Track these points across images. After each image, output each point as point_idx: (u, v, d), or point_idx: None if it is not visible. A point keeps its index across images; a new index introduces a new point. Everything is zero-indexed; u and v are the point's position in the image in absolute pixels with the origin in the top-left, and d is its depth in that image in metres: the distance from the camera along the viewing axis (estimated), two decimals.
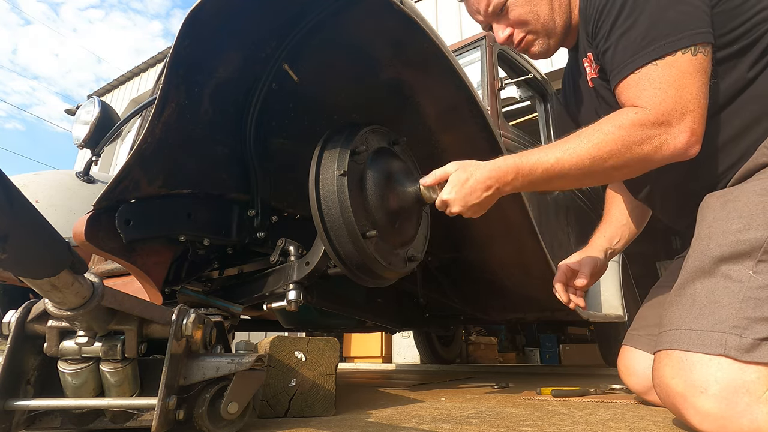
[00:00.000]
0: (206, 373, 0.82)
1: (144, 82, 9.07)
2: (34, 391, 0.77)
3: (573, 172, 0.93)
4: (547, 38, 1.14)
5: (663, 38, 0.88)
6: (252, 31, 1.05)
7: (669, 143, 0.88)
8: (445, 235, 1.69)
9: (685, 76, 0.87)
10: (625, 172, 0.95)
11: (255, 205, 1.25)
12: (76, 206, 1.73)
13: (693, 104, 0.87)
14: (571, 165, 0.92)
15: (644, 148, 0.88)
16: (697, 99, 0.87)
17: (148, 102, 1.40)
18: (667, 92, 0.87)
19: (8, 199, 0.45)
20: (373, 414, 1.11)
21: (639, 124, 0.88)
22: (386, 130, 1.14)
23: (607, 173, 0.93)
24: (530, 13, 1.11)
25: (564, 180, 0.96)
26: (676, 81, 0.87)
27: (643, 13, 0.91)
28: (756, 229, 0.83)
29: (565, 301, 1.27)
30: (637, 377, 1.21)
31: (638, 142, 0.88)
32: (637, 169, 0.94)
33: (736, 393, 0.75)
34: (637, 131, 0.88)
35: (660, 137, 0.88)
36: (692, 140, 0.88)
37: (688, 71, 0.87)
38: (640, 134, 0.88)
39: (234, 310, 1.31)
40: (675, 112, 0.87)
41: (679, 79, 0.87)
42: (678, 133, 0.87)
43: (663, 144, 0.88)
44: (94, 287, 0.67)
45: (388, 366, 4.39)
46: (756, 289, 0.79)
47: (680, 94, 0.86)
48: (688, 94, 0.86)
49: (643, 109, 0.89)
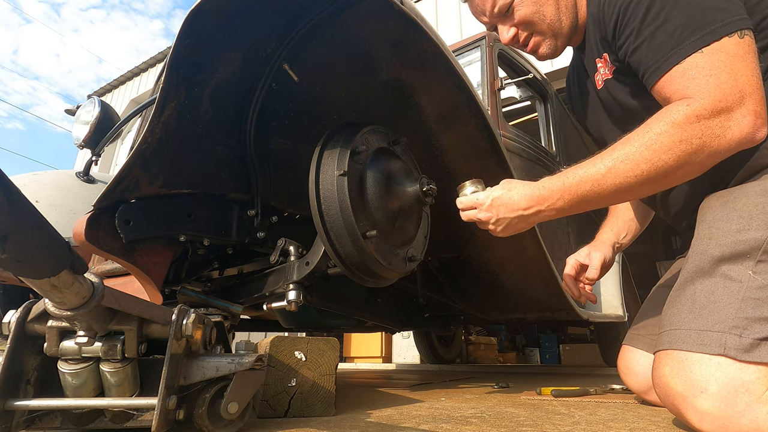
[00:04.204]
0: (206, 373, 0.82)
1: (144, 82, 9.07)
2: (34, 391, 0.77)
3: (629, 181, 0.86)
4: (554, 39, 1.12)
5: (707, 26, 0.82)
6: (252, 30, 1.05)
7: (733, 130, 0.80)
8: (445, 235, 1.69)
9: (737, 59, 0.80)
10: (688, 170, 0.85)
11: (255, 205, 1.25)
12: (76, 206, 1.73)
13: (750, 86, 0.80)
14: (626, 173, 0.85)
15: (706, 140, 0.81)
16: (754, 80, 0.80)
17: (148, 102, 1.40)
18: (720, 77, 0.80)
19: (8, 199, 0.45)
20: (373, 414, 1.11)
21: (695, 116, 0.81)
22: (386, 130, 1.14)
23: (668, 176, 0.85)
24: (536, 13, 1.09)
25: (618, 192, 0.88)
26: (728, 65, 0.80)
27: (677, 7, 0.85)
28: (755, 230, 0.83)
29: (576, 295, 1.24)
30: (636, 377, 1.21)
31: (698, 135, 0.81)
32: (702, 165, 0.84)
33: (735, 393, 0.75)
34: (693, 124, 0.81)
35: (722, 125, 0.80)
36: (758, 123, 0.80)
37: (738, 54, 0.80)
38: (698, 127, 0.81)
39: (234, 310, 1.31)
40: (733, 97, 0.79)
41: (731, 63, 0.80)
42: (741, 118, 0.79)
43: (726, 132, 0.80)
44: (94, 287, 0.67)
45: (388, 366, 4.39)
46: (756, 289, 0.79)
47: (735, 78, 0.80)
48: (744, 77, 0.80)
49: (695, 99, 0.82)
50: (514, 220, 1.00)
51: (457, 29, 5.40)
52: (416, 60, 1.12)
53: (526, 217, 0.99)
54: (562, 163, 2.48)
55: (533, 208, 0.97)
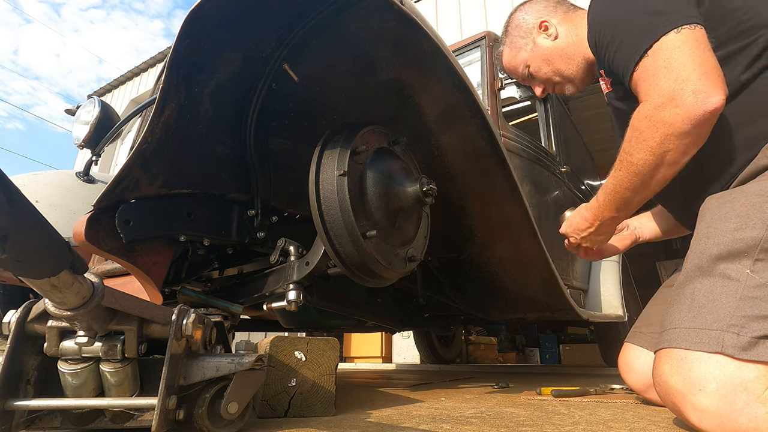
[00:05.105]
0: (206, 373, 0.82)
1: (144, 82, 9.07)
2: (34, 391, 0.77)
3: (633, 181, 0.99)
4: (571, 83, 1.33)
5: (650, 30, 0.93)
6: (252, 30, 1.05)
7: (682, 113, 0.87)
8: (445, 235, 1.69)
9: (674, 52, 0.89)
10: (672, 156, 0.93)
11: (255, 205, 1.25)
12: (76, 206, 1.73)
13: (687, 70, 0.87)
14: (625, 177, 1.00)
15: (665, 129, 0.90)
16: (692, 63, 0.87)
17: (148, 102, 1.40)
18: (659, 74, 0.91)
19: (8, 199, 0.45)
20: (373, 414, 1.11)
21: (648, 114, 0.92)
22: (386, 130, 1.14)
23: (658, 167, 0.94)
24: (552, 72, 1.33)
25: (635, 192, 1.01)
26: (666, 61, 0.90)
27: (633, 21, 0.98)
28: (752, 228, 0.84)
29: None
30: (636, 375, 1.21)
31: (656, 127, 0.91)
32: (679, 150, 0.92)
33: (734, 391, 0.75)
34: (650, 120, 0.92)
35: (672, 113, 0.88)
36: (701, 98, 0.86)
37: (675, 46, 0.90)
38: (654, 121, 0.91)
39: (234, 310, 1.31)
40: (672, 86, 0.88)
41: (669, 57, 0.90)
42: (685, 100, 0.87)
43: (677, 117, 0.88)
44: (94, 287, 0.67)
45: (388, 366, 4.39)
46: (753, 287, 0.80)
47: (671, 70, 0.89)
48: (680, 65, 0.88)
49: (646, 100, 0.94)
50: (589, 237, 1.22)
51: (457, 29, 5.40)
52: (416, 60, 1.12)
53: (594, 231, 1.19)
54: (562, 163, 2.48)
55: (594, 224, 1.18)
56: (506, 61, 1.45)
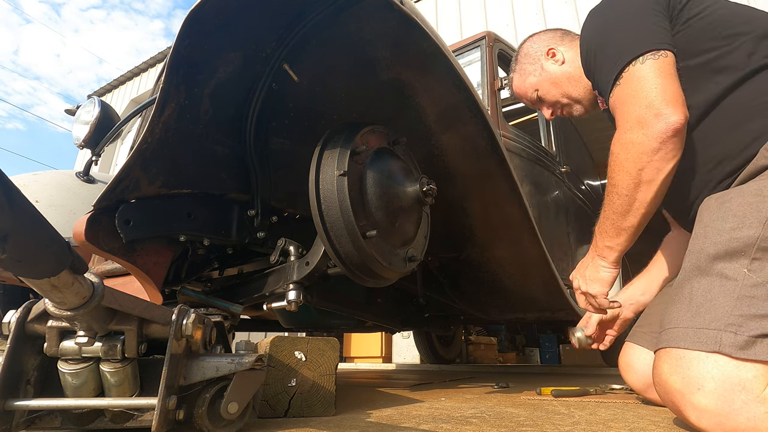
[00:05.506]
0: (206, 373, 0.82)
1: (144, 82, 9.07)
2: (34, 391, 0.77)
3: (618, 203, 1.02)
4: (579, 104, 1.37)
5: (618, 59, 1.00)
6: (252, 30, 1.05)
7: (650, 133, 0.94)
8: (445, 235, 1.69)
9: (640, 81, 0.97)
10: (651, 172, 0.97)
11: (255, 205, 1.25)
12: (76, 206, 1.73)
13: (650, 97, 0.94)
14: (612, 198, 1.03)
15: (637, 149, 0.96)
16: (655, 91, 0.94)
17: (148, 102, 1.40)
18: (627, 102, 0.98)
19: (8, 199, 0.45)
20: (373, 414, 1.11)
21: (623, 138, 0.98)
22: (386, 130, 1.14)
23: (637, 185, 0.99)
24: (560, 94, 1.38)
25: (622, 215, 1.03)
26: (634, 89, 0.97)
27: (607, 45, 1.05)
28: (749, 228, 0.85)
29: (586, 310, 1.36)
30: (636, 374, 1.21)
31: (630, 148, 0.97)
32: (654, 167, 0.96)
33: (732, 390, 0.75)
34: (624, 143, 0.98)
35: (643, 134, 0.95)
36: (663, 119, 0.92)
37: (640, 77, 0.97)
38: (627, 143, 0.97)
39: (234, 310, 1.31)
40: (639, 112, 0.95)
41: (636, 87, 0.97)
42: (651, 124, 0.93)
43: (646, 138, 0.94)
44: (94, 287, 0.67)
45: (388, 366, 4.39)
46: (750, 287, 0.80)
47: (637, 98, 0.96)
48: (643, 92, 0.95)
49: (620, 127, 1.00)
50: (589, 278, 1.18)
51: (457, 29, 5.40)
52: (416, 60, 1.12)
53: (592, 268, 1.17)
54: (562, 163, 2.48)
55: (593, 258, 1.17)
56: (516, 86, 1.51)
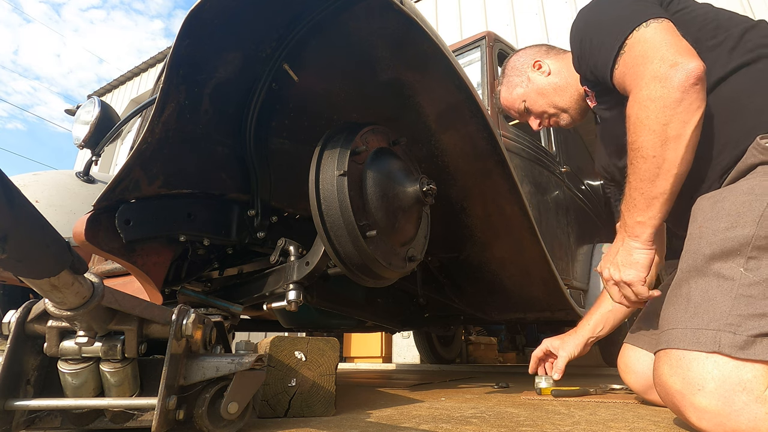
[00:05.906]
0: (206, 373, 0.82)
1: (144, 82, 9.07)
2: (34, 391, 0.77)
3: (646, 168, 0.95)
4: (566, 113, 1.40)
5: (617, 31, 1.00)
6: (252, 30, 1.05)
7: (669, 84, 0.90)
8: (445, 235, 1.69)
9: (647, 42, 0.96)
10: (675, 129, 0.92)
11: (255, 205, 1.25)
12: (76, 206, 1.73)
13: (662, 51, 0.92)
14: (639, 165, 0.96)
15: (659, 102, 0.92)
16: (665, 45, 0.93)
17: (148, 102, 1.40)
18: (638, 64, 0.96)
19: (8, 199, 0.45)
20: (373, 414, 1.11)
21: (637, 101, 0.95)
22: (386, 130, 1.14)
23: (665, 143, 0.93)
24: (546, 105, 1.41)
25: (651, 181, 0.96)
26: (642, 50, 0.96)
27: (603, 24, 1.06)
28: (743, 227, 0.84)
29: (531, 371, 1.55)
30: (636, 375, 1.21)
31: (652, 99, 0.92)
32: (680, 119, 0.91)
33: (733, 391, 0.75)
34: (642, 103, 0.94)
35: (661, 86, 0.91)
36: (682, 64, 0.89)
37: (646, 38, 0.96)
38: (645, 103, 0.93)
39: (234, 310, 1.31)
40: (653, 69, 0.93)
41: (644, 47, 0.96)
42: (667, 74, 0.91)
43: (666, 87, 0.90)
44: (94, 287, 0.67)
45: (388, 366, 4.39)
46: (747, 286, 0.80)
47: (648, 56, 0.94)
48: (654, 51, 0.94)
49: (633, 90, 0.97)
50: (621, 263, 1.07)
51: (457, 29, 5.40)
52: (416, 60, 1.12)
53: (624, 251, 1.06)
54: (562, 163, 2.48)
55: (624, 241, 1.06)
56: (503, 98, 1.54)
